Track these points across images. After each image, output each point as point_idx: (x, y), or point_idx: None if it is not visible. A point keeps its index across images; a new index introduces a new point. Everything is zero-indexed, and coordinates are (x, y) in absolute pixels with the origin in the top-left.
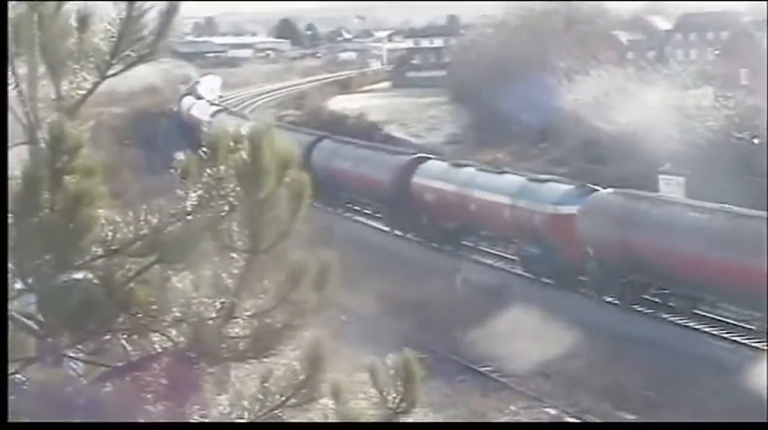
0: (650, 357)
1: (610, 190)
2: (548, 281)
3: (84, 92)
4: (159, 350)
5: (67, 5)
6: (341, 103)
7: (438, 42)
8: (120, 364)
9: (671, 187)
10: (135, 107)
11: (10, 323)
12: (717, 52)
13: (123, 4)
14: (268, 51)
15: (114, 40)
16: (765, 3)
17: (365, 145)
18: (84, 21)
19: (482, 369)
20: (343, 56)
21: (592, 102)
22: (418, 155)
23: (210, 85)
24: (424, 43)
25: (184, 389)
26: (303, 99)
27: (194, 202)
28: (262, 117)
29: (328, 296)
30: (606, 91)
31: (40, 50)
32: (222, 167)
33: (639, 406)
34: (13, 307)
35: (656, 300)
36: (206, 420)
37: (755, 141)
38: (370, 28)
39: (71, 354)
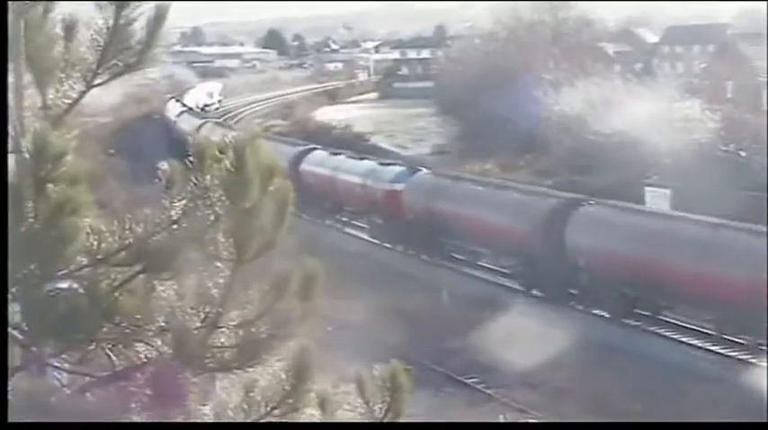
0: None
1: (426, 170)
2: (388, 245)
3: (70, 101)
4: (144, 360)
5: (54, 13)
6: (328, 114)
7: (425, 53)
8: (104, 374)
9: (657, 199)
10: (121, 117)
11: None
12: (703, 65)
13: (110, 12)
14: (255, 61)
15: (101, 48)
16: (750, 15)
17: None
18: (70, 29)
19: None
20: (330, 66)
21: (578, 113)
22: (308, 146)
23: (210, 90)
24: (412, 54)
25: (169, 398)
26: (290, 109)
27: (179, 212)
28: (247, 127)
29: (313, 305)
30: (593, 103)
31: (26, 58)
32: (208, 177)
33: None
34: None
35: (459, 256)
36: (206, 421)
37: (741, 154)
38: (358, 38)
39: (55, 364)
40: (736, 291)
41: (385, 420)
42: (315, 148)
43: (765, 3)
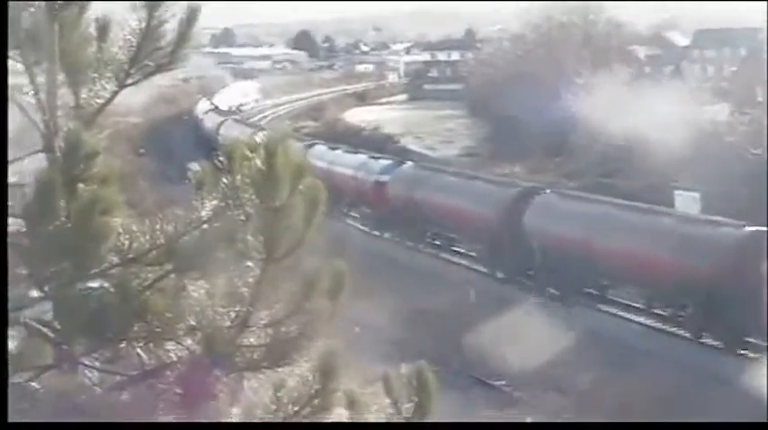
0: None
1: (409, 163)
2: (376, 233)
3: (102, 101)
4: (174, 359)
5: (88, 13)
6: (357, 115)
7: (455, 56)
8: (135, 373)
9: (686, 202)
10: (151, 117)
11: (26, 330)
12: (733, 68)
13: (143, 13)
14: (285, 63)
15: (133, 49)
16: None
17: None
18: (103, 29)
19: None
20: (360, 68)
21: (608, 116)
22: (312, 141)
23: (246, 89)
24: (441, 56)
25: (199, 398)
26: (320, 110)
27: (209, 212)
28: (277, 127)
29: (341, 304)
30: (622, 106)
31: (60, 58)
32: (238, 177)
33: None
34: (30, 314)
35: (437, 241)
36: (206, 421)
37: None
38: (388, 40)
39: (86, 363)
40: (661, 269)
41: (412, 419)
42: (315, 143)
43: None
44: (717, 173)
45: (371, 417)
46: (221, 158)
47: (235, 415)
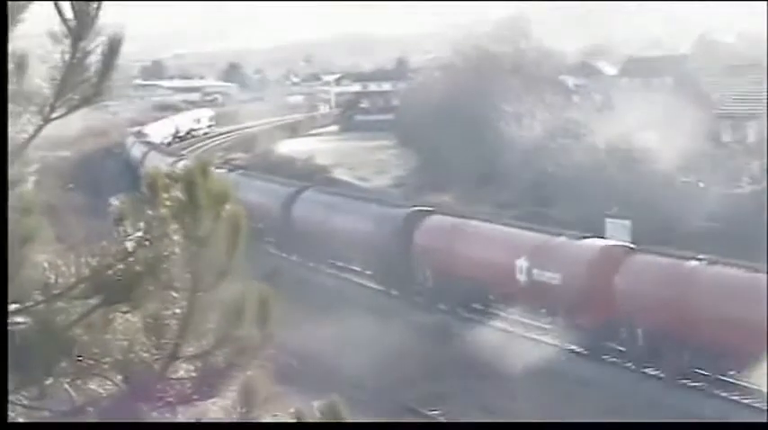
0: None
1: (312, 189)
2: (284, 255)
3: (27, 135)
4: (103, 394)
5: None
6: (289, 147)
7: (386, 86)
8: (63, 410)
9: (617, 230)
10: (81, 150)
11: None
12: (661, 97)
13: (66, 46)
14: (216, 95)
15: (56, 82)
16: (706, 44)
17: None
18: (21, 63)
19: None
20: (291, 100)
21: (539, 144)
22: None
23: (198, 116)
24: (373, 87)
25: None
26: (251, 142)
27: (134, 243)
28: (199, 156)
29: (270, 332)
30: (553, 134)
31: None
32: (165, 208)
33: None
34: None
35: (338, 262)
36: (207, 420)
37: (701, 185)
38: (319, 71)
39: (14, 400)
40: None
41: None
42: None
43: (721, 35)
44: (648, 200)
45: None
46: (143, 190)
47: None
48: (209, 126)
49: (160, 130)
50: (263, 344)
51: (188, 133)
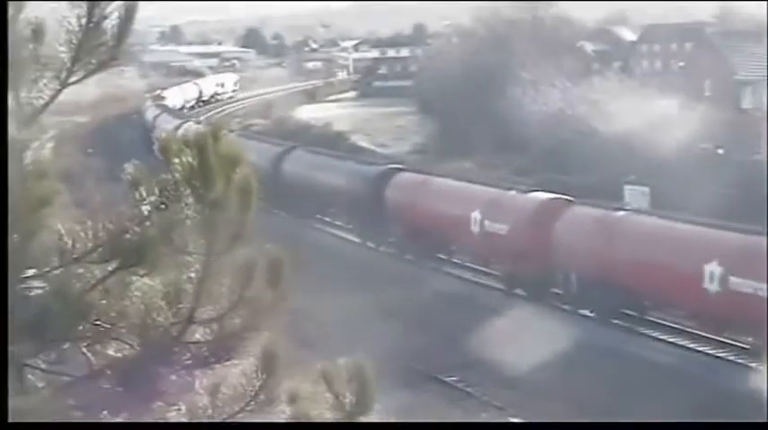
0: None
1: (301, 148)
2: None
3: (44, 101)
4: (121, 358)
5: (24, 12)
6: (307, 113)
7: (404, 52)
8: (81, 374)
9: (636, 197)
10: (99, 115)
11: None
12: (681, 63)
13: (83, 11)
14: (234, 60)
15: (74, 47)
16: (727, 13)
17: None
18: (38, 29)
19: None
20: (310, 65)
21: (557, 111)
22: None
23: (222, 81)
24: (391, 53)
25: (145, 397)
26: (269, 108)
27: (149, 208)
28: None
29: (283, 292)
30: (572, 101)
31: None
32: (177, 172)
33: None
34: None
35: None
36: (208, 420)
37: (719, 151)
38: (337, 37)
39: (31, 364)
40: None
41: (354, 412)
42: (232, 131)
43: (741, 2)
44: (666, 167)
45: (314, 413)
46: (158, 154)
47: (182, 411)
48: (234, 91)
49: (181, 95)
50: (276, 305)
51: (212, 97)
